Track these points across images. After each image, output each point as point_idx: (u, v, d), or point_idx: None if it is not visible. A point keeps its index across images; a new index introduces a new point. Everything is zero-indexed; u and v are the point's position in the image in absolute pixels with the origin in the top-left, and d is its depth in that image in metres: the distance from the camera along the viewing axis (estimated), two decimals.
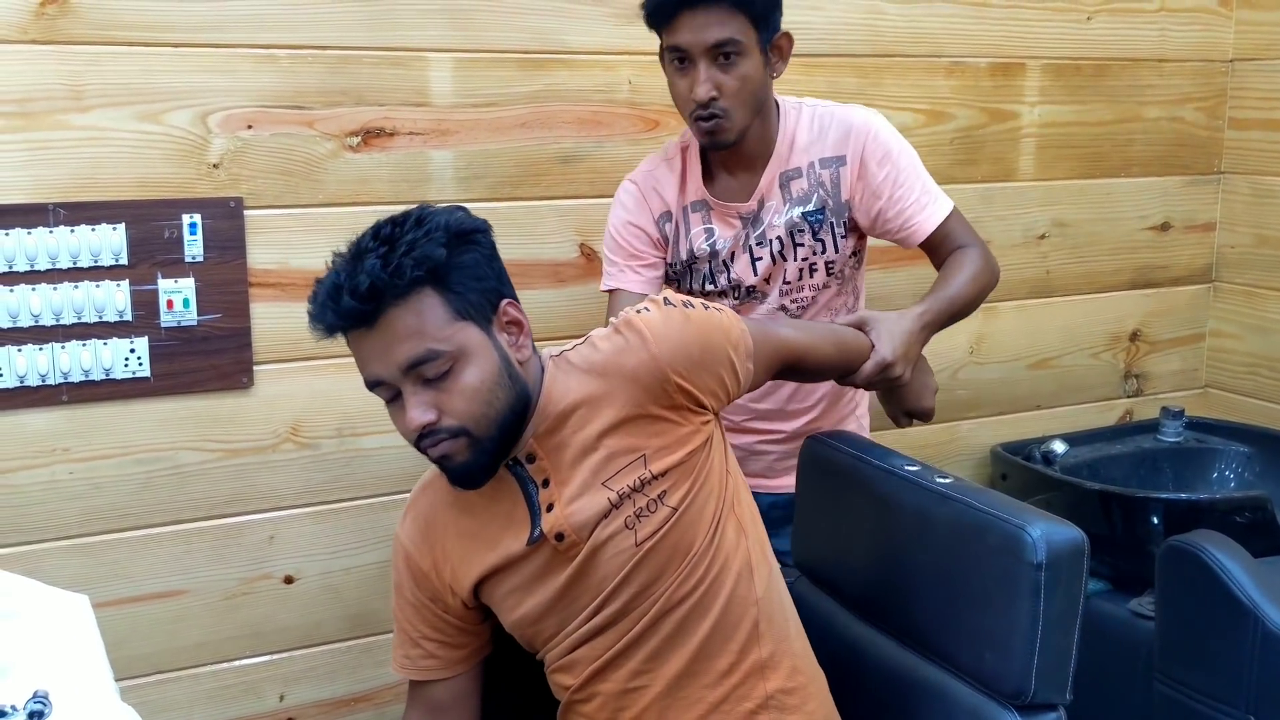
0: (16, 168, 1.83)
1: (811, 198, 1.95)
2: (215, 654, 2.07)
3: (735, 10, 1.78)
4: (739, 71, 1.81)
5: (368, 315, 1.37)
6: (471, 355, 1.40)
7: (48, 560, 1.90)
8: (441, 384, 1.39)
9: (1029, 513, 1.52)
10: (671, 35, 1.81)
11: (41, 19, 1.81)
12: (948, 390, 2.64)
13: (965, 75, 2.54)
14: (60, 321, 1.88)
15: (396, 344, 1.37)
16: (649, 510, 1.47)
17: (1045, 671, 1.49)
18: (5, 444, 1.88)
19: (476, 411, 1.40)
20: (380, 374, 1.40)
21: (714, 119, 1.82)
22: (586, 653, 1.52)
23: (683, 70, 1.82)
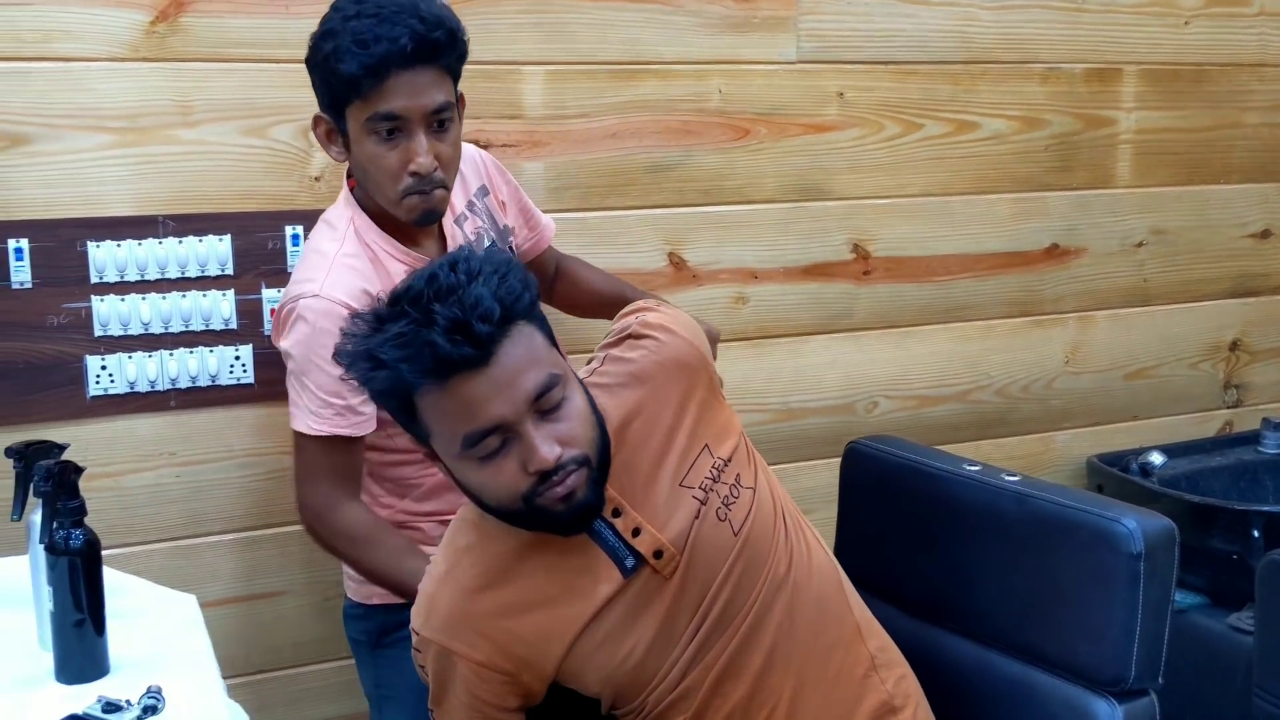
0: (128, 181, 1.89)
1: (490, 229, 1.87)
2: (315, 654, 2.11)
3: (444, 73, 1.64)
4: (452, 137, 1.67)
5: (481, 355, 1.25)
6: (570, 380, 1.34)
7: (154, 561, 1.96)
8: (556, 414, 1.30)
9: (1116, 506, 1.58)
10: (380, 101, 1.60)
11: (152, 37, 1.87)
12: (1042, 400, 2.62)
13: (1060, 81, 2.51)
14: (169, 329, 1.94)
15: (519, 376, 1.27)
16: (733, 497, 1.43)
17: (1143, 659, 1.54)
18: (115, 448, 1.94)
19: (591, 435, 1.33)
20: (503, 414, 1.26)
21: (433, 191, 1.66)
22: (698, 676, 1.41)
23: (391, 141, 1.63)
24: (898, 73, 2.36)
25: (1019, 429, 2.61)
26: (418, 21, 1.60)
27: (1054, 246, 2.57)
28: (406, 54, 1.59)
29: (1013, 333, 2.57)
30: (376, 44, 1.58)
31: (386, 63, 1.58)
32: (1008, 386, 2.59)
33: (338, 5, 1.64)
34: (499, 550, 1.39)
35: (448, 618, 1.38)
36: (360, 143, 1.65)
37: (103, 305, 1.90)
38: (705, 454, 1.43)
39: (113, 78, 1.86)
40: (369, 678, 1.87)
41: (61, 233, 1.87)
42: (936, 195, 2.44)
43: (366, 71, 1.58)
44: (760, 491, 1.45)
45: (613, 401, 1.41)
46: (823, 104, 2.32)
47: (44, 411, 1.88)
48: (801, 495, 2.40)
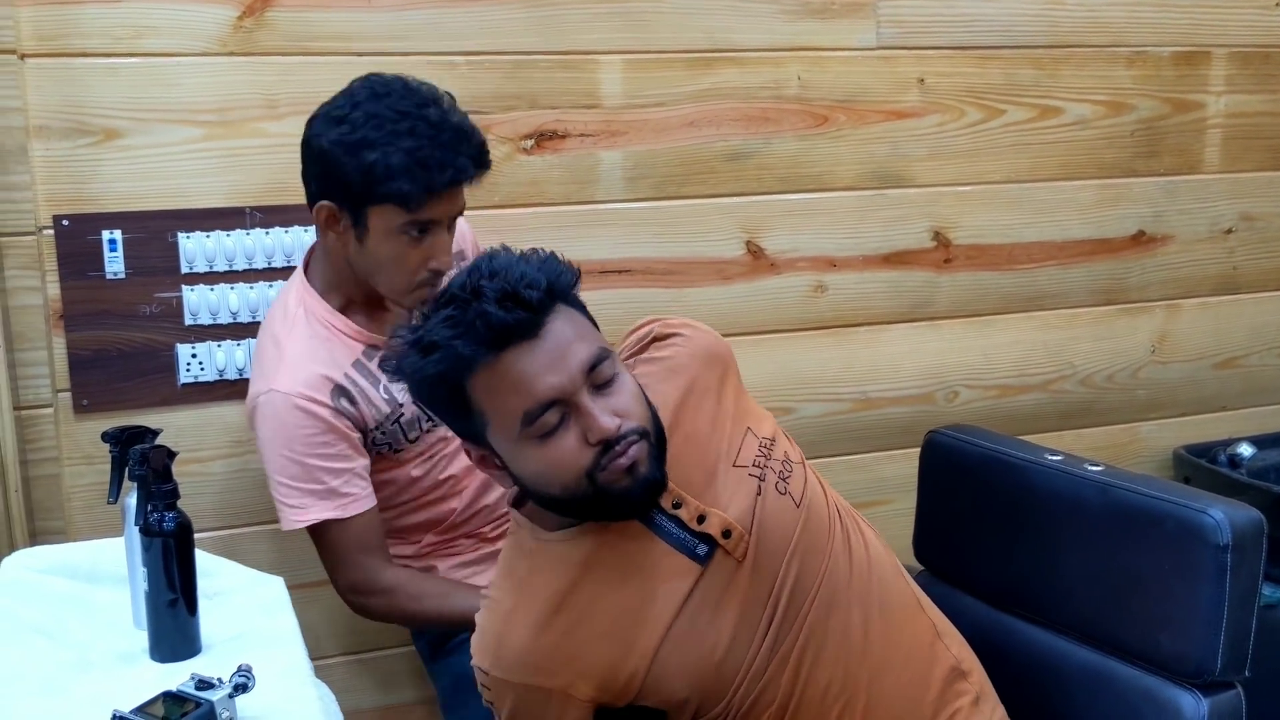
0: (216, 173, 1.93)
1: None
2: (399, 637, 2.14)
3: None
4: (459, 228, 1.77)
5: (538, 321, 1.26)
6: (618, 360, 1.33)
7: (244, 544, 2.01)
8: (610, 389, 1.29)
9: (1203, 496, 1.56)
10: (421, 212, 1.62)
11: (239, 32, 1.91)
12: (1127, 390, 2.57)
13: (1147, 65, 2.45)
14: (256, 318, 1.97)
15: (572, 347, 1.27)
16: (787, 471, 1.42)
17: (1229, 651, 1.52)
18: (205, 434, 1.99)
19: (646, 411, 1.32)
20: (560, 384, 1.26)
21: (438, 283, 1.65)
22: (777, 667, 1.38)
23: (419, 241, 1.65)
24: (980, 57, 2.33)
25: (1103, 419, 2.56)
26: (474, 148, 1.65)
27: (1140, 234, 2.52)
28: (468, 179, 1.65)
29: (1097, 321, 2.53)
30: (441, 171, 1.60)
31: (441, 185, 1.61)
32: (1092, 376, 2.54)
33: (364, 104, 1.63)
34: (562, 570, 1.36)
35: (522, 656, 1.35)
36: (383, 241, 1.65)
37: (193, 295, 1.94)
38: (750, 435, 1.43)
39: (201, 72, 1.90)
40: (439, 686, 1.92)
41: (152, 224, 1.91)
42: (1019, 182, 2.41)
43: (428, 192, 1.61)
44: (809, 471, 1.46)
45: (657, 397, 1.38)
46: (903, 90, 2.29)
47: (137, 398, 1.94)
48: (879, 485, 2.39)
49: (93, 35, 1.84)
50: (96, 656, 1.45)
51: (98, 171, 1.88)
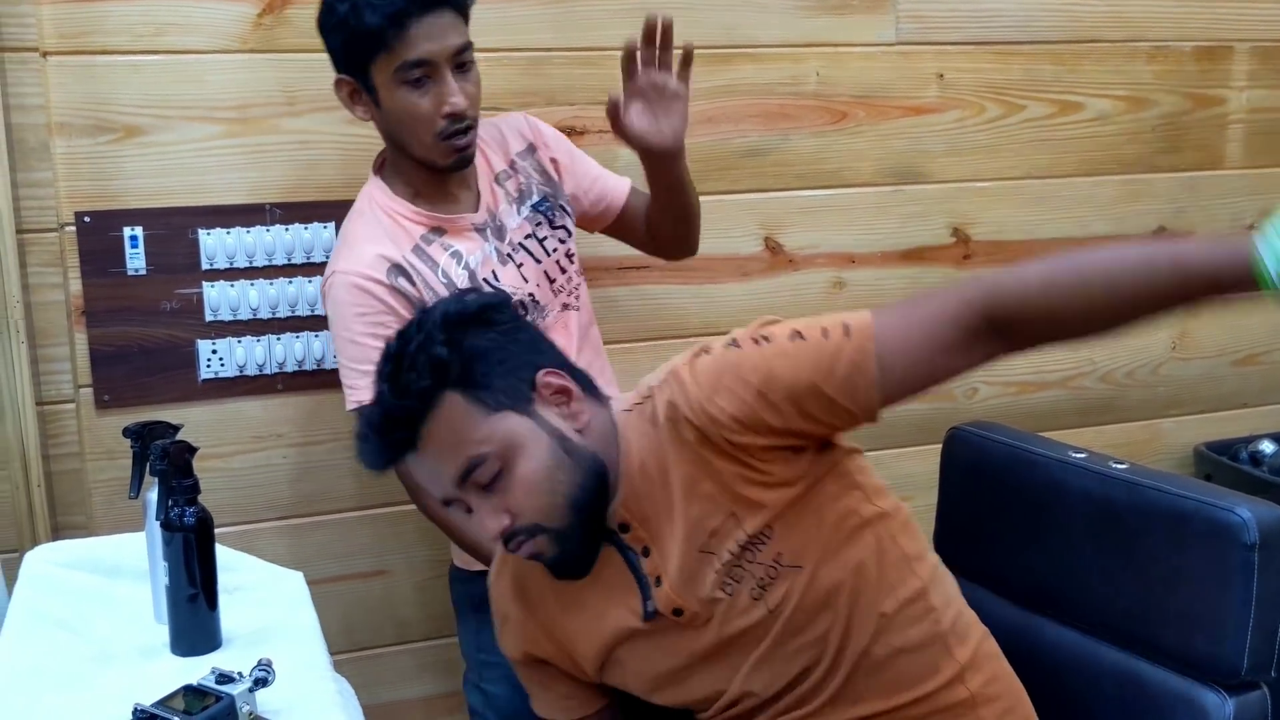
0: (237, 170, 1.94)
1: (532, 191, 1.85)
2: (419, 631, 2.15)
3: (459, 14, 1.67)
4: (474, 75, 1.70)
5: (405, 443, 1.28)
6: (519, 446, 1.27)
7: (263, 539, 2.01)
8: (500, 485, 1.28)
9: (1230, 495, 1.54)
10: (407, 49, 1.62)
11: (259, 29, 1.92)
12: (1148, 387, 2.56)
13: (1169, 60, 2.44)
14: (276, 314, 1.98)
15: (442, 462, 1.28)
16: (771, 577, 1.32)
17: (1256, 651, 1.51)
18: (226, 430, 2.00)
19: (543, 503, 1.28)
20: (445, 493, 1.30)
21: (464, 134, 1.68)
22: (763, 687, 1.37)
23: (420, 87, 1.64)
24: (1000, 53, 2.32)
25: (1123, 416, 2.55)
26: None
27: (1161, 229, 2.50)
28: (435, 2, 1.62)
29: None
30: None
31: (408, 10, 1.61)
32: (1112, 373, 2.53)
33: None
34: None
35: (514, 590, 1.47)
36: (391, 95, 1.66)
37: (213, 291, 1.95)
38: (732, 524, 1.31)
39: (222, 69, 1.91)
40: (471, 641, 1.91)
41: (174, 221, 1.92)
42: (1039, 178, 2.40)
43: (390, 21, 1.60)
44: (823, 568, 1.33)
45: (643, 437, 1.34)
46: (922, 86, 2.28)
47: (158, 394, 1.95)
48: (899, 481, 2.35)
49: (114, 33, 1.85)
50: (118, 650, 1.46)
51: (119, 168, 1.89)
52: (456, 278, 1.73)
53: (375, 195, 1.76)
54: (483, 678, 1.88)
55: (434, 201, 1.76)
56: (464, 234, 1.77)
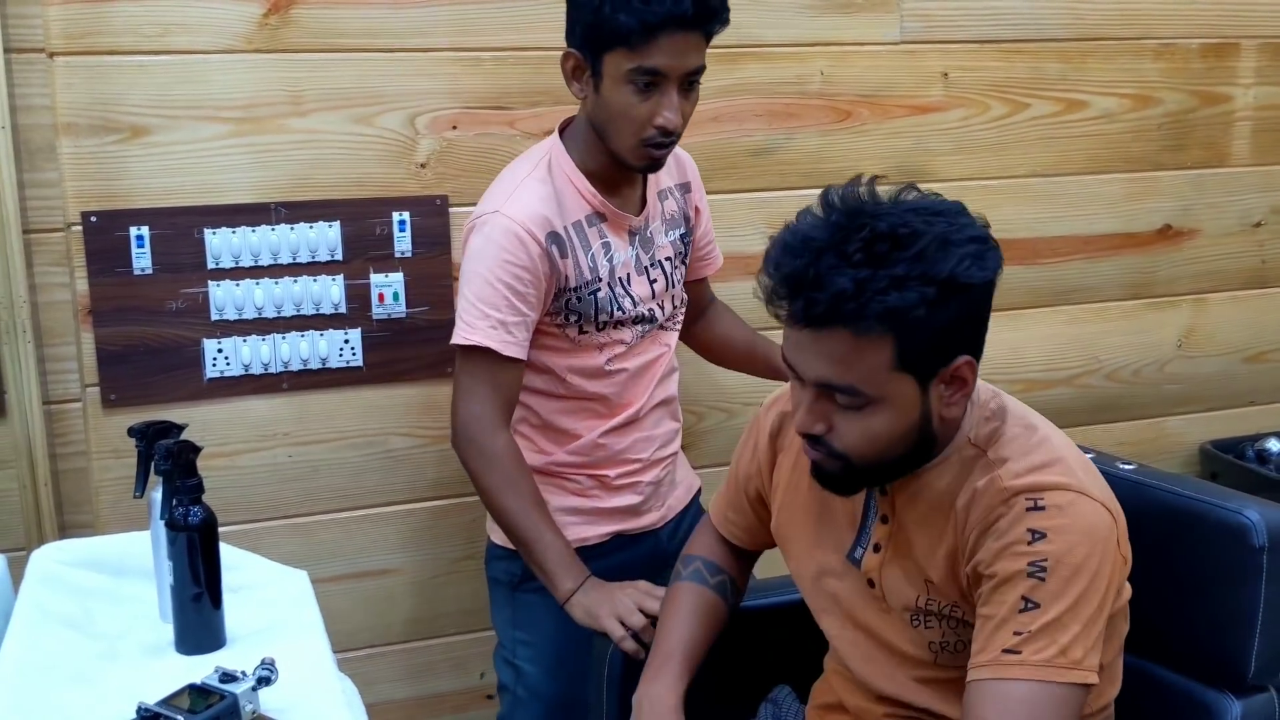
0: (243, 170, 1.94)
1: (680, 221, 1.92)
2: (423, 630, 2.16)
3: (704, 38, 1.69)
4: (694, 98, 1.73)
5: (815, 322, 1.24)
6: (892, 405, 1.28)
7: (269, 538, 2.02)
8: (847, 411, 1.29)
9: (1238, 497, 1.54)
10: (646, 57, 1.64)
11: (265, 29, 1.92)
12: (1154, 385, 2.56)
13: (1175, 57, 2.43)
14: (281, 314, 1.99)
15: (823, 361, 1.26)
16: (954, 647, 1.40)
17: (1264, 654, 1.51)
18: (232, 429, 2.00)
19: (868, 452, 1.31)
20: (793, 362, 1.30)
21: (665, 147, 1.72)
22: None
23: (646, 93, 1.67)
24: (1004, 51, 2.31)
25: (1130, 414, 2.55)
26: None
27: (1167, 227, 2.50)
28: (686, 18, 1.63)
29: (1125, 315, 2.51)
30: (659, 3, 1.62)
31: (662, 24, 1.62)
32: (1119, 371, 2.53)
33: None
34: None
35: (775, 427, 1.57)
36: (614, 89, 1.68)
37: (219, 290, 1.96)
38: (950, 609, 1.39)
39: (228, 69, 1.91)
40: (505, 618, 1.92)
41: (180, 220, 1.93)
42: (1045, 176, 2.39)
43: (641, 27, 1.62)
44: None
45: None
46: (927, 84, 2.28)
47: (164, 393, 1.95)
48: None
49: (121, 33, 1.86)
50: (124, 648, 1.47)
51: (126, 168, 1.89)
52: (600, 268, 1.78)
53: (558, 158, 1.78)
54: (515, 654, 1.90)
55: (607, 190, 1.79)
56: (620, 231, 1.81)
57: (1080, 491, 1.31)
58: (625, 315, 1.82)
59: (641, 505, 1.90)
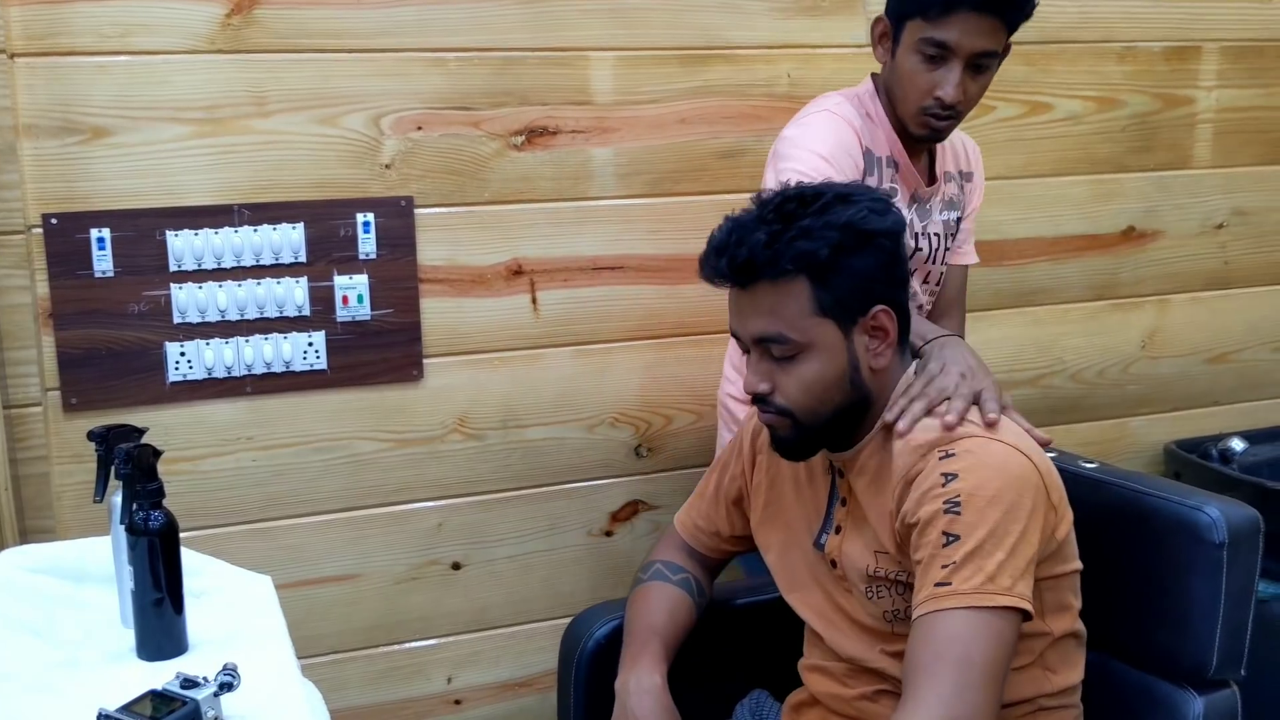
0: (205, 171, 1.93)
1: (957, 205, 1.99)
2: (387, 636, 2.15)
3: (1004, 24, 1.75)
4: (983, 81, 1.79)
5: (741, 282, 1.43)
6: (820, 350, 1.43)
7: (232, 543, 2.00)
8: (784, 364, 1.44)
9: (1198, 493, 1.57)
10: (938, 29, 1.73)
11: (227, 29, 1.91)
12: (1118, 385, 2.57)
13: (1138, 60, 2.45)
14: (244, 316, 1.97)
15: (755, 315, 1.43)
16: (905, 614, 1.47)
17: (1225, 649, 1.54)
18: (194, 433, 1.99)
19: (806, 403, 1.45)
20: (735, 329, 1.48)
21: (945, 120, 1.80)
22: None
23: (932, 64, 1.76)
24: None
25: (1094, 415, 2.57)
26: None
27: (1130, 229, 2.52)
28: (984, 1, 1.70)
29: (1089, 317, 2.53)
30: None
31: (963, 2, 1.70)
32: (1082, 372, 2.54)
33: None
34: None
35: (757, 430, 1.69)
36: (905, 55, 1.78)
37: (181, 293, 1.94)
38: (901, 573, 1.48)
39: (189, 70, 1.90)
40: None
41: (141, 222, 1.91)
42: (1010, 178, 2.41)
43: (942, 2, 1.71)
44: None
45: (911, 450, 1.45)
46: None
47: (126, 397, 1.93)
48: None
49: (81, 34, 1.84)
50: (85, 655, 1.45)
51: (87, 170, 1.87)
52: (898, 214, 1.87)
53: (864, 96, 1.88)
54: None
55: (905, 148, 1.88)
56: (908, 186, 1.90)
57: (992, 438, 1.43)
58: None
59: None
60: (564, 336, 2.16)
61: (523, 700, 2.25)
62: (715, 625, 1.76)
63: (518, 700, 2.25)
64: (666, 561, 1.74)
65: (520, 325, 2.13)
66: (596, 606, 1.85)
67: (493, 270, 2.10)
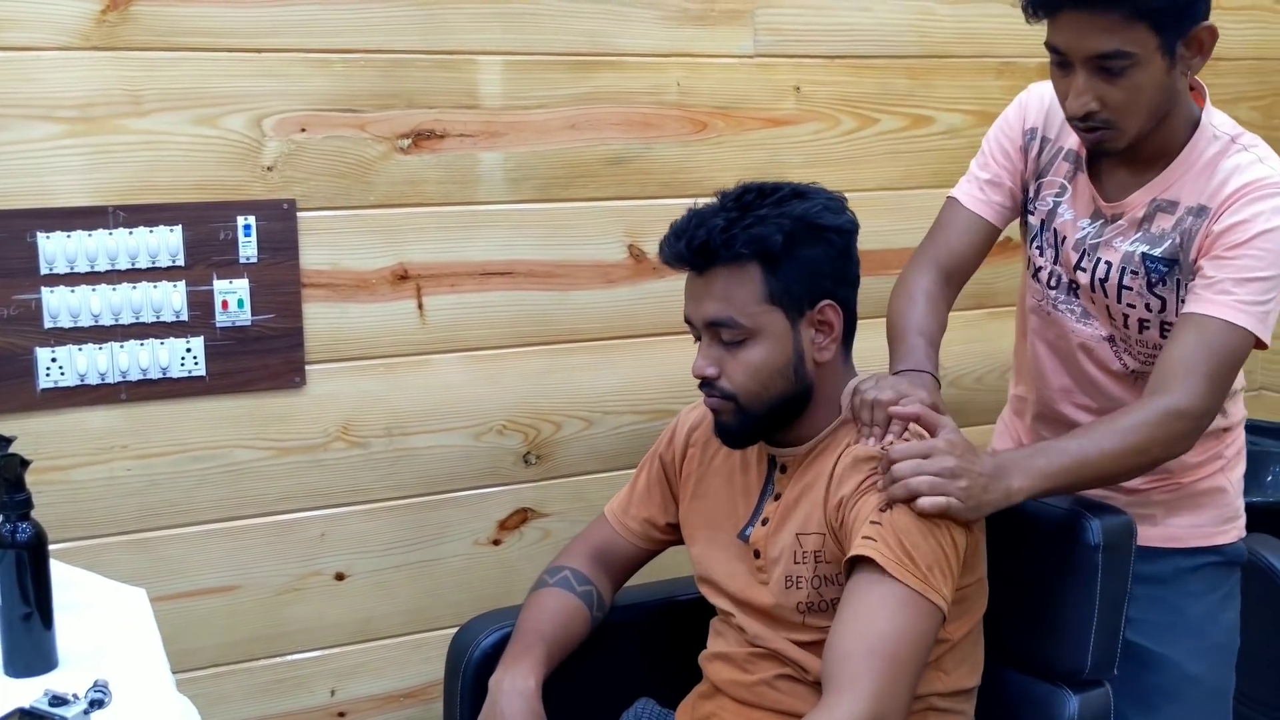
0: (78, 171, 1.87)
1: (1164, 242, 1.65)
2: (268, 649, 2.10)
3: (1130, 18, 1.48)
4: (1129, 83, 1.53)
5: (697, 265, 1.52)
6: (767, 338, 1.51)
7: (106, 555, 1.94)
8: (732, 349, 1.52)
9: (1074, 498, 1.61)
10: (1051, 32, 1.57)
11: (102, 26, 1.85)
12: (997, 391, 2.64)
13: (1015, 75, 2.52)
14: (119, 321, 1.92)
15: (708, 299, 1.52)
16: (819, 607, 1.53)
17: (1100, 650, 1.59)
18: (66, 441, 1.92)
19: (751, 388, 1.52)
20: (689, 315, 1.56)
21: (1096, 130, 1.59)
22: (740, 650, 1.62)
23: (1062, 72, 1.58)
24: (854, 67, 2.37)
25: (974, 420, 2.62)
26: None
27: (1006, 240, 2.57)
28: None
29: (967, 325, 2.59)
30: None
31: (1058, 3, 1.53)
32: (962, 378, 2.61)
33: None
34: None
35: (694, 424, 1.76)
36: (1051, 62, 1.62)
37: (53, 297, 1.88)
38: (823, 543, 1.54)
39: (63, 67, 1.84)
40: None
41: (11, 224, 1.84)
42: (893, 189, 2.46)
43: (1037, 4, 1.56)
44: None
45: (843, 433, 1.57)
46: (780, 98, 2.32)
47: None
48: None
49: None
50: None
51: None
52: (1043, 201, 1.79)
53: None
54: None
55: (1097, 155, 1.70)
56: (1082, 194, 1.74)
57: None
58: (1039, 262, 1.82)
59: None
60: (451, 343, 2.14)
61: (409, 711, 2.22)
62: (604, 634, 1.76)
63: (403, 711, 2.22)
64: (576, 570, 1.75)
65: (406, 331, 2.11)
66: (483, 615, 1.84)
67: (377, 275, 2.07)
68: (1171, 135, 1.63)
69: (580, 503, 2.24)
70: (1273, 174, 1.58)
